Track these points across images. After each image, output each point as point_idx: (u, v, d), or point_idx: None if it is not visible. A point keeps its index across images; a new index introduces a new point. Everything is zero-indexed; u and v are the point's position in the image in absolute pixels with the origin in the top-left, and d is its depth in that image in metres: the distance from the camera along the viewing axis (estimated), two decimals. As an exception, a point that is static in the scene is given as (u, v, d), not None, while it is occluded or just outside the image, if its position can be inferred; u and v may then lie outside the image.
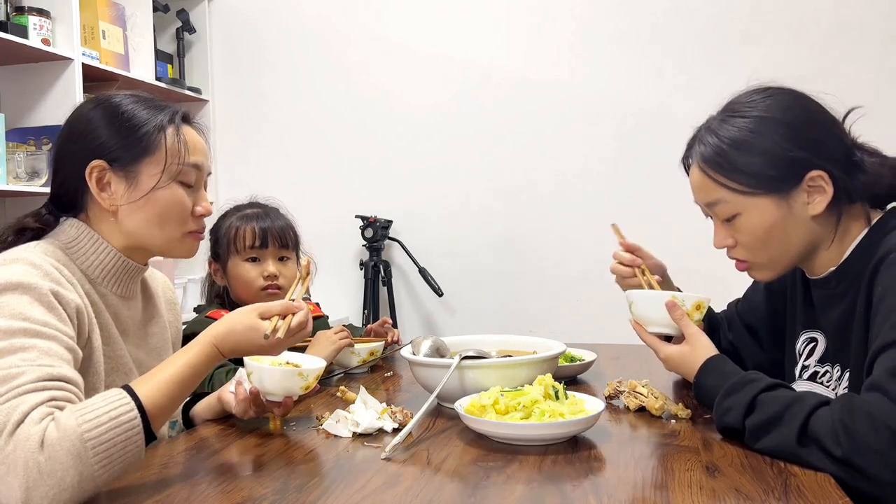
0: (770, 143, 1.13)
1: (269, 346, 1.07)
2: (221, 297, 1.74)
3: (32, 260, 1.02)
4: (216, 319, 1.56)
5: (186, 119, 1.21)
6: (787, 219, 1.14)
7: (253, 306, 1.09)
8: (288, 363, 1.23)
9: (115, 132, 1.13)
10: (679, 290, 1.41)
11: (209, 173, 1.24)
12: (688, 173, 1.25)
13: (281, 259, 1.72)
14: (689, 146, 1.24)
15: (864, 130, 1.19)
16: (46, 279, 1.01)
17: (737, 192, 1.15)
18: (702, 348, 1.19)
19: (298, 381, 1.19)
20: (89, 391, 1.03)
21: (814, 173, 1.12)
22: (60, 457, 0.83)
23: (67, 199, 1.17)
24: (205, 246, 1.77)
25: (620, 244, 1.42)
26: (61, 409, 0.88)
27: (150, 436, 0.93)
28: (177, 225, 1.18)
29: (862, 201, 1.16)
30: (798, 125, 1.14)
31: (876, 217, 1.16)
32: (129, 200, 1.14)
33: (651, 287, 1.35)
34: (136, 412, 0.91)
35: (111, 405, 0.90)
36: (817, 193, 1.13)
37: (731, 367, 1.14)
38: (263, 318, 1.08)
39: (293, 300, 1.14)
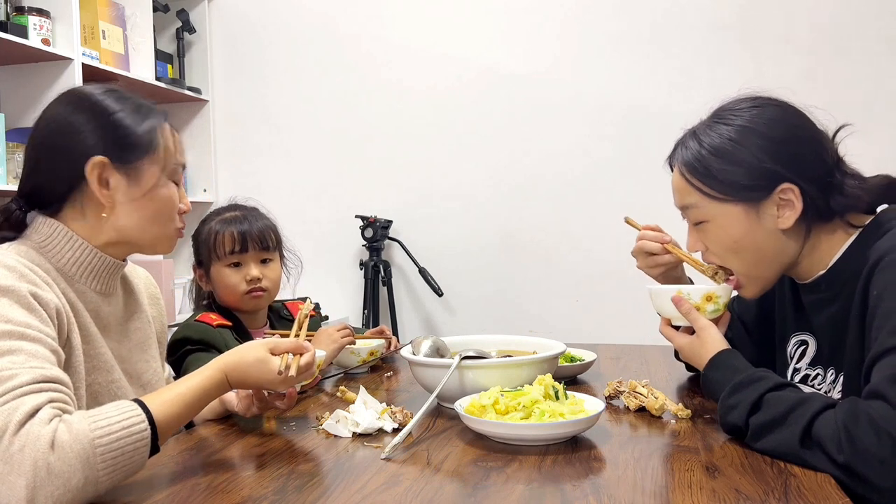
0: (747, 152, 1.14)
1: (279, 382, 1.09)
2: (208, 301, 1.73)
3: (6, 262, 1.01)
4: (205, 323, 1.58)
5: (167, 119, 1.23)
6: (755, 229, 1.16)
7: (263, 341, 1.11)
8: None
9: (112, 131, 1.13)
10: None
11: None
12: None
13: (263, 261, 1.70)
14: (675, 148, 1.26)
15: (860, 125, 1.19)
16: (23, 281, 1.00)
17: (709, 198, 1.18)
18: (711, 341, 1.19)
19: None
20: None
21: (784, 186, 1.13)
22: (70, 459, 0.84)
23: (43, 197, 1.15)
24: (187, 251, 1.78)
25: (642, 230, 1.40)
26: (64, 411, 0.89)
27: (153, 449, 0.94)
28: (168, 222, 1.20)
29: (840, 218, 1.16)
30: (778, 139, 1.15)
31: (862, 220, 1.16)
32: (132, 198, 1.13)
33: (688, 261, 1.33)
34: (146, 424, 0.92)
35: (124, 415, 0.91)
36: (787, 208, 1.14)
37: (740, 362, 1.15)
38: (273, 354, 1.09)
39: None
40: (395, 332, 3.02)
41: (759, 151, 1.14)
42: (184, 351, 1.53)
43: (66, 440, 0.84)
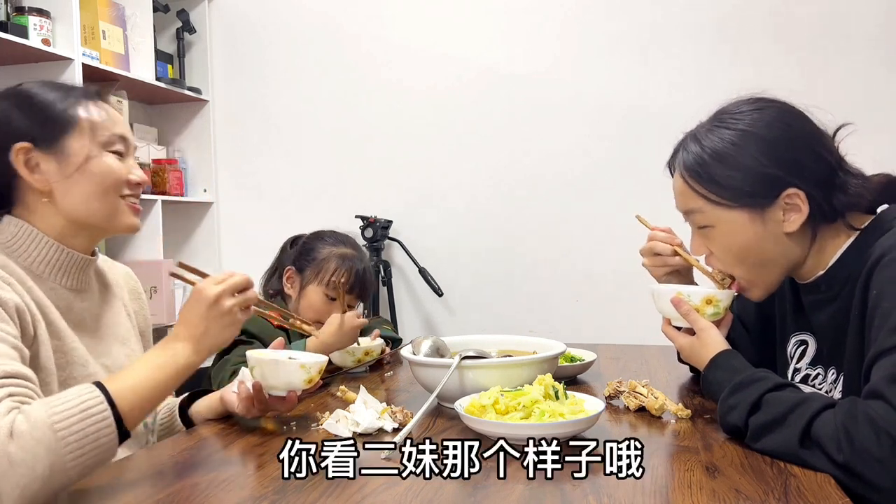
0: (749, 158, 1.14)
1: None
2: (275, 298, 1.82)
3: None
4: (268, 321, 1.60)
5: (101, 95, 1.21)
6: (760, 234, 1.15)
7: (208, 283, 1.09)
8: (290, 359, 1.25)
9: (32, 115, 1.13)
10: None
11: (135, 147, 1.25)
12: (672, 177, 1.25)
13: (350, 305, 1.79)
14: (675, 152, 1.25)
15: (860, 125, 1.19)
16: None
17: (713, 204, 1.17)
18: (711, 341, 1.20)
19: (301, 374, 1.21)
20: (41, 387, 1.03)
21: (790, 191, 1.13)
22: (31, 446, 0.84)
23: None
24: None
25: (652, 229, 1.41)
26: (24, 404, 0.89)
27: (123, 433, 0.94)
28: (114, 193, 1.18)
29: (842, 218, 1.16)
30: (779, 143, 1.14)
31: (863, 221, 1.16)
32: (64, 176, 1.13)
33: (692, 264, 1.33)
34: (105, 405, 0.92)
35: (80, 398, 0.91)
36: (793, 212, 1.14)
37: (740, 363, 1.15)
38: (220, 297, 1.07)
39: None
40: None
41: (760, 156, 1.13)
42: (237, 340, 1.57)
43: (24, 429, 0.84)
